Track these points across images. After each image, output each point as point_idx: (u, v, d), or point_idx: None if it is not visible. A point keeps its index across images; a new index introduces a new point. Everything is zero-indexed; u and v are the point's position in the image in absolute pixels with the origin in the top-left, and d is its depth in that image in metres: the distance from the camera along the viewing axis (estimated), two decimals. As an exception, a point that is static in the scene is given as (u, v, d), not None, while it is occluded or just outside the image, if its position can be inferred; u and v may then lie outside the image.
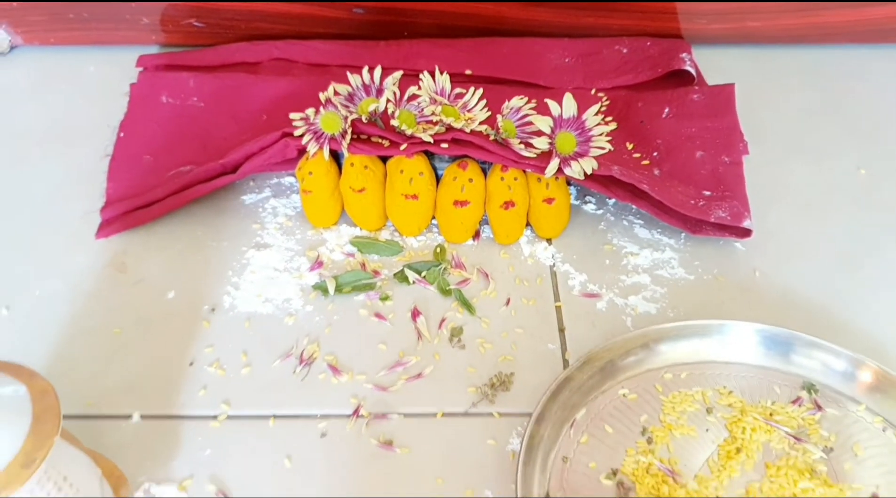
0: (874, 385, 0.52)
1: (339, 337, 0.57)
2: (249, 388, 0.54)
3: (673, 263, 0.63)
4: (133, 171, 0.68)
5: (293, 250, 0.64)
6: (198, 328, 0.58)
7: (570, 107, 0.61)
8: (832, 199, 0.69)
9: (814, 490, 0.48)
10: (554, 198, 0.62)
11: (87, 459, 0.43)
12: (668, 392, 0.53)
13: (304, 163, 0.63)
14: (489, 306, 0.60)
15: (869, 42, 0.86)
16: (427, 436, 0.52)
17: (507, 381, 0.55)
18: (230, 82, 0.74)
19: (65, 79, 0.82)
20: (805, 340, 0.53)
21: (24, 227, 0.66)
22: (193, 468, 0.50)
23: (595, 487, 0.48)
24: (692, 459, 0.50)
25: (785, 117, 0.77)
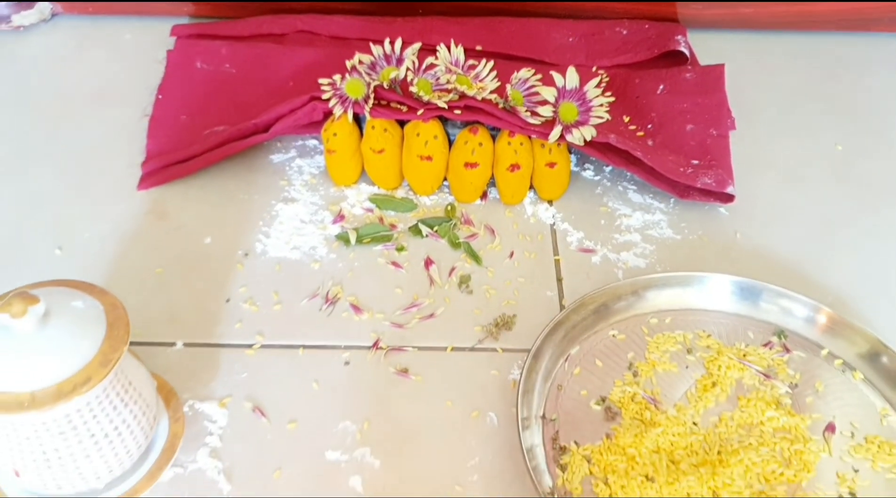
0: (834, 330, 0.59)
1: (360, 281, 0.64)
2: (280, 322, 0.61)
3: (662, 224, 0.69)
4: (171, 130, 0.74)
5: (317, 205, 0.70)
6: (233, 270, 0.64)
7: (573, 79, 0.68)
8: (810, 171, 0.75)
9: (778, 419, 0.54)
10: (556, 162, 0.68)
11: (145, 370, 0.50)
12: (653, 334, 0.60)
13: (329, 124, 0.69)
14: (494, 258, 0.66)
15: (852, 30, 0.92)
16: (438, 366, 0.58)
17: (509, 321, 0.61)
18: (259, 51, 0.80)
19: (103, 45, 0.87)
20: (773, 290, 0.60)
21: (73, 178, 0.72)
22: (231, 389, 0.56)
23: (586, 411, 0.55)
24: (672, 390, 0.56)
25: (771, 97, 0.84)
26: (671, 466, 0.51)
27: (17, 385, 0.42)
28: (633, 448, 0.52)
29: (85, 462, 0.45)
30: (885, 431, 0.54)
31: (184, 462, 0.52)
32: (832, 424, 0.55)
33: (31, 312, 0.42)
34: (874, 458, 0.53)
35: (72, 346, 0.43)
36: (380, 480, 0.51)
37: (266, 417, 0.54)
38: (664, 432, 0.53)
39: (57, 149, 0.75)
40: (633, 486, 0.50)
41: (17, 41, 0.88)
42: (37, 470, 0.45)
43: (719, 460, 0.52)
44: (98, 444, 0.45)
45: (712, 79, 0.78)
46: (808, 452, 0.53)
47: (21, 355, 0.42)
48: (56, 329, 0.43)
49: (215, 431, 0.53)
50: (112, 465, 0.47)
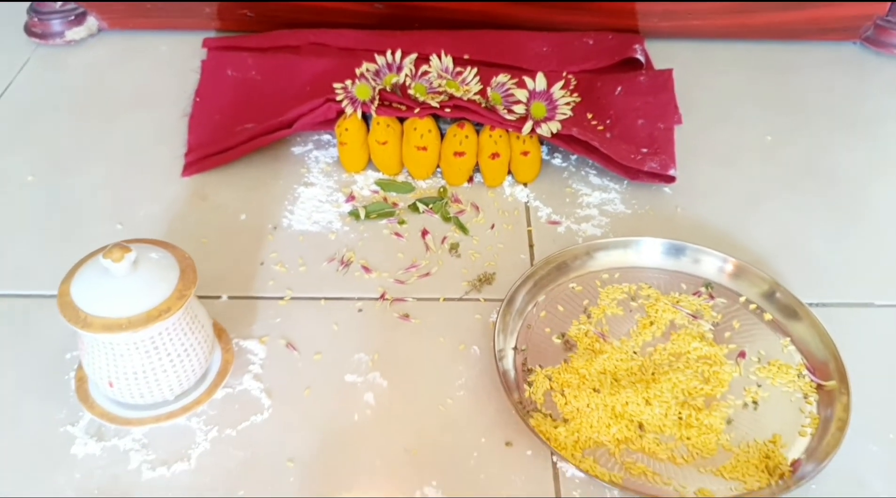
0: (741, 276, 0.73)
1: (369, 248, 0.78)
2: (305, 280, 0.75)
3: (616, 201, 0.84)
4: (208, 127, 0.89)
5: (332, 188, 0.85)
6: (264, 240, 0.79)
7: (542, 83, 0.82)
8: (742, 157, 0.90)
9: (701, 348, 0.69)
10: (529, 151, 0.83)
11: (205, 310, 0.64)
12: (604, 286, 0.74)
13: (341, 121, 0.83)
14: (479, 229, 0.81)
15: (783, 39, 1.07)
16: (433, 312, 0.73)
17: (490, 278, 0.76)
18: (280, 61, 0.95)
19: (143, 56, 1.02)
20: (693, 248, 0.75)
21: (125, 168, 0.86)
22: (268, 330, 0.70)
23: (549, 344, 0.69)
24: (618, 328, 0.71)
25: (714, 96, 0.99)
26: (614, 382, 0.66)
27: (116, 312, 0.56)
28: (584, 369, 0.67)
29: (162, 376, 0.60)
30: (785, 357, 0.69)
31: (233, 384, 0.66)
32: (743, 351, 0.69)
33: (126, 258, 0.56)
34: (773, 376, 0.67)
35: (155, 284, 0.57)
36: (387, 396, 0.66)
37: (297, 351, 0.69)
38: (609, 358, 0.67)
39: (110, 144, 0.90)
40: (583, 396, 0.64)
41: (70, 53, 1.03)
42: (126, 382, 0.59)
43: (653, 379, 0.66)
44: (172, 362, 0.60)
45: (662, 81, 0.93)
46: (722, 373, 0.67)
47: (119, 291, 0.56)
48: (143, 272, 0.57)
49: (257, 362, 0.68)
50: (181, 380, 0.61)
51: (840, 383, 0.65)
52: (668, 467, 0.61)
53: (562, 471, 0.60)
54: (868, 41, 1.07)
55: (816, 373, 0.67)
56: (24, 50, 1.04)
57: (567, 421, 0.63)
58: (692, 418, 0.63)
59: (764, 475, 0.60)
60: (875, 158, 0.91)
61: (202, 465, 0.60)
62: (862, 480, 0.60)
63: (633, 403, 0.64)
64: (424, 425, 0.63)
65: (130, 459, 0.60)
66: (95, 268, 0.57)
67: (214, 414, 0.63)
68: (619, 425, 0.63)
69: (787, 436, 0.63)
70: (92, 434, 0.62)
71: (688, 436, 0.63)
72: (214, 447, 0.61)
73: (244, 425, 0.63)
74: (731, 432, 0.63)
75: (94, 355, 0.59)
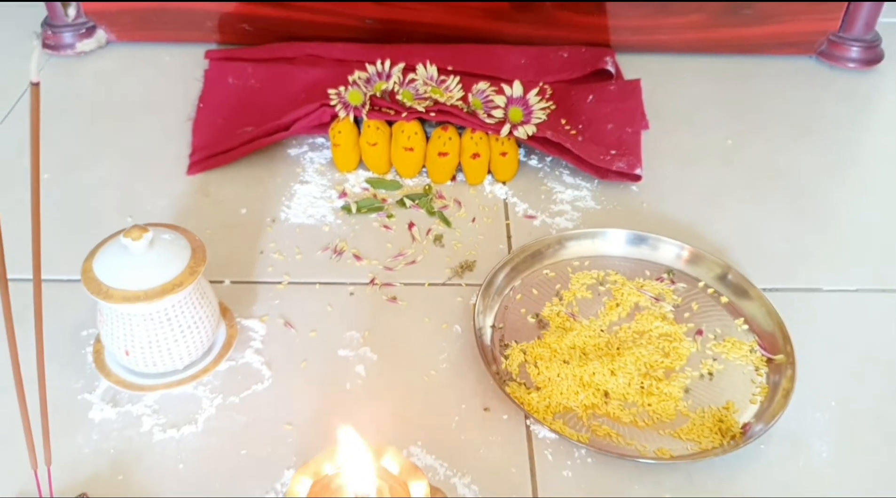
0: (696, 261, 0.80)
1: (360, 239, 0.85)
2: (301, 266, 0.82)
3: (587, 198, 0.91)
4: (211, 129, 0.96)
5: (326, 186, 0.91)
6: (263, 232, 0.85)
7: (518, 90, 0.90)
8: (705, 159, 0.98)
9: (662, 327, 0.76)
10: (507, 152, 0.90)
11: (212, 289, 0.70)
12: (575, 272, 0.81)
13: (335, 125, 0.91)
14: (461, 222, 0.88)
15: (748, 53, 1.16)
16: (418, 296, 0.79)
17: (471, 265, 0.82)
18: (278, 70, 1.02)
19: (149, 66, 1.09)
20: (653, 237, 0.82)
21: (134, 167, 0.93)
22: (268, 310, 0.77)
23: (524, 322, 0.76)
24: (587, 309, 0.78)
25: (680, 104, 1.07)
26: (582, 356, 0.73)
27: (134, 286, 0.62)
28: (555, 344, 0.73)
29: (174, 346, 0.66)
30: (740, 335, 0.76)
31: (236, 357, 0.72)
32: (701, 330, 0.76)
33: (144, 237, 0.63)
34: (728, 351, 0.74)
35: (169, 261, 0.64)
36: (377, 368, 0.72)
37: (294, 328, 0.75)
38: (578, 335, 0.74)
39: (119, 146, 0.96)
40: (554, 367, 0.71)
41: (80, 64, 1.10)
42: (141, 351, 0.65)
43: (618, 353, 0.73)
44: (183, 333, 0.66)
45: (630, 89, 1.01)
46: (681, 348, 0.74)
47: (136, 266, 0.63)
48: (158, 250, 0.64)
49: (257, 338, 0.74)
50: (190, 350, 0.67)
51: (787, 357, 0.72)
52: (630, 430, 0.67)
53: (534, 432, 0.67)
54: (822, 55, 1.16)
55: (767, 349, 0.74)
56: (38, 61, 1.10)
57: (539, 389, 0.70)
58: (653, 387, 0.70)
59: (717, 437, 0.67)
60: (827, 161, 0.99)
61: (208, 428, 0.66)
62: (806, 442, 0.67)
63: (600, 373, 0.71)
64: (410, 393, 0.70)
65: (143, 423, 0.66)
66: (115, 247, 0.64)
67: (219, 383, 0.70)
68: (587, 393, 0.69)
69: (739, 403, 0.70)
70: (108, 401, 0.68)
71: (649, 403, 0.69)
72: (219, 412, 0.67)
73: (246, 393, 0.69)
74: (689, 400, 0.70)
75: (112, 326, 0.65)
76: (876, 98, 1.12)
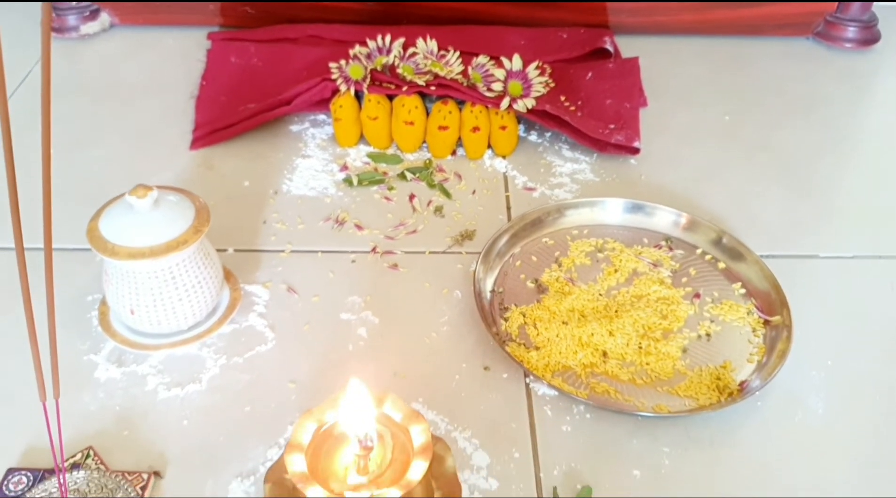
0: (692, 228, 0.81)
1: (361, 210, 0.86)
2: (303, 236, 0.83)
3: (586, 171, 0.92)
4: (214, 106, 0.97)
5: (327, 159, 0.93)
6: (266, 203, 0.86)
7: (518, 64, 0.91)
8: (701, 134, 0.99)
9: (660, 291, 0.77)
10: (506, 126, 0.91)
11: (215, 251, 0.71)
12: (574, 240, 0.82)
13: (336, 99, 0.92)
14: (461, 194, 0.89)
15: (744, 34, 1.17)
16: (419, 263, 0.80)
17: (471, 234, 0.83)
18: (280, 49, 1.03)
19: (152, 48, 1.11)
20: (650, 206, 0.83)
21: (139, 143, 0.94)
22: (271, 276, 0.78)
23: (523, 287, 0.77)
24: (586, 275, 0.79)
25: (678, 84, 1.08)
26: (581, 317, 0.73)
27: (140, 243, 0.63)
28: (554, 307, 0.74)
29: (178, 305, 0.67)
30: (737, 298, 0.77)
31: (240, 320, 0.73)
32: (698, 293, 0.77)
33: (149, 196, 0.64)
34: (725, 313, 0.75)
35: (174, 220, 0.65)
36: (378, 330, 0.73)
37: (297, 294, 0.76)
38: (577, 298, 0.75)
39: (124, 124, 0.98)
40: (553, 328, 0.72)
41: (85, 46, 1.11)
42: (146, 310, 0.66)
43: (616, 315, 0.74)
44: (187, 291, 0.67)
45: (629, 67, 1.02)
46: (679, 311, 0.75)
47: (142, 224, 0.64)
48: (163, 209, 0.65)
49: (261, 303, 0.75)
50: (195, 310, 0.68)
51: (783, 318, 0.72)
52: (628, 388, 0.68)
53: (533, 390, 0.68)
54: (819, 36, 1.17)
55: (764, 311, 0.75)
56: (41, 43, 1.12)
57: (539, 348, 0.71)
58: (651, 347, 0.71)
59: (715, 394, 0.68)
60: (823, 137, 1.00)
61: (212, 386, 0.67)
62: (803, 400, 0.68)
63: (598, 334, 0.72)
64: (411, 354, 0.71)
65: (148, 382, 0.67)
66: (121, 206, 0.65)
67: (223, 345, 0.71)
68: (585, 352, 0.70)
69: (737, 362, 0.71)
70: (113, 361, 0.69)
71: (647, 362, 0.70)
72: (223, 372, 0.68)
73: (250, 354, 0.70)
74: (686, 359, 0.71)
75: (118, 285, 0.66)
76: (873, 77, 1.13)
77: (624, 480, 0.61)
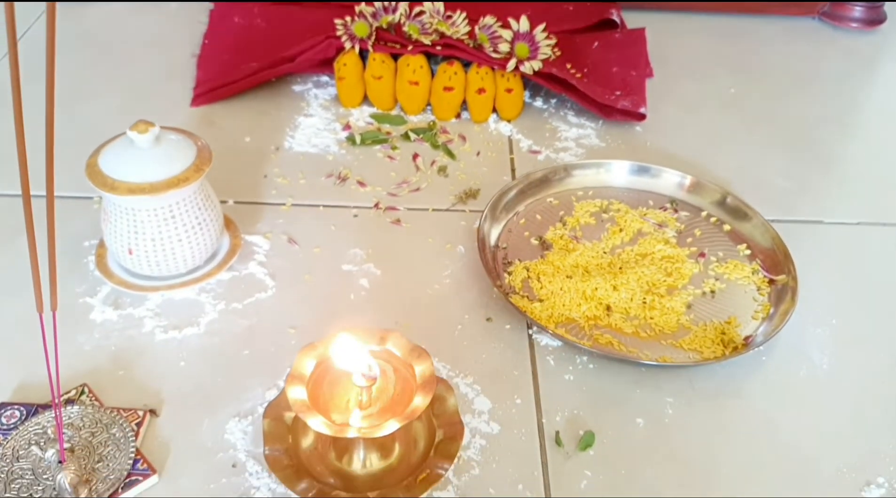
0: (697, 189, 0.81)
1: (364, 167, 0.85)
2: (305, 190, 0.82)
3: (591, 136, 0.92)
4: (216, 65, 0.96)
5: (330, 119, 0.92)
6: (267, 158, 0.85)
7: (525, 25, 0.91)
8: (707, 105, 0.98)
9: (665, 250, 0.76)
10: (512, 88, 0.91)
11: (215, 195, 0.70)
12: (579, 201, 0.81)
13: (340, 57, 0.91)
14: (465, 155, 0.88)
15: (747, 12, 1.17)
16: (422, 220, 0.79)
17: (475, 193, 0.83)
18: (284, 9, 1.03)
19: (154, 11, 1.10)
20: (655, 168, 0.82)
21: (140, 99, 0.93)
22: (272, 228, 0.77)
23: (527, 244, 0.76)
24: (590, 234, 0.78)
25: (685, 58, 1.07)
26: (585, 272, 0.73)
27: (139, 179, 0.62)
28: (558, 262, 0.73)
29: (178, 245, 0.66)
30: (741, 258, 0.76)
31: (239, 268, 0.72)
32: (703, 252, 0.76)
33: (150, 131, 0.63)
34: (730, 272, 0.74)
35: (175, 157, 0.64)
36: (381, 282, 0.72)
37: (297, 245, 0.75)
38: (581, 255, 0.74)
39: (126, 81, 0.97)
40: (557, 281, 0.71)
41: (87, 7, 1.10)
42: (144, 249, 0.65)
43: (620, 272, 0.73)
44: (187, 232, 0.66)
45: (635, 37, 1.02)
46: (684, 269, 0.74)
47: (142, 160, 0.63)
48: (164, 147, 0.64)
49: (261, 252, 0.74)
50: (195, 252, 0.67)
51: (788, 277, 0.72)
52: (632, 340, 0.67)
53: (536, 341, 0.67)
54: (825, 16, 1.17)
55: (769, 271, 0.74)
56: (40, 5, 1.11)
57: (542, 301, 0.70)
58: (655, 302, 0.70)
59: (719, 348, 0.67)
60: (827, 109, 0.99)
61: (211, 330, 0.66)
62: (807, 355, 0.67)
63: (602, 288, 0.71)
64: (414, 305, 0.70)
65: (145, 324, 0.66)
66: (122, 143, 0.64)
67: (222, 291, 0.70)
68: (589, 305, 0.69)
69: (742, 318, 0.70)
70: (109, 304, 0.68)
71: (651, 316, 0.69)
72: (222, 317, 0.67)
73: (249, 300, 0.69)
74: (691, 314, 0.70)
75: (116, 223, 0.65)
76: (877, 56, 1.12)
77: (627, 427, 0.60)
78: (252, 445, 0.57)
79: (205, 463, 0.56)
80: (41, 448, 0.54)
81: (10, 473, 0.53)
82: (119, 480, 0.54)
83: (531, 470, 0.57)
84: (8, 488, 0.52)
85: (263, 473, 0.55)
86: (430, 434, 0.56)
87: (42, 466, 0.54)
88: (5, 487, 0.52)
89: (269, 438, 0.54)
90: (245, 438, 0.58)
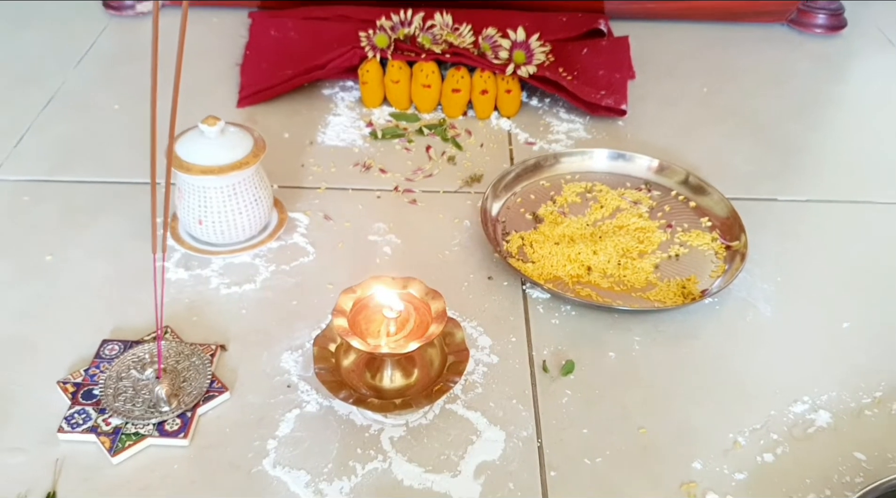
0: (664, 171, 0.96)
1: (385, 158, 1.01)
2: (336, 177, 0.97)
3: (580, 130, 1.07)
4: (256, 72, 1.11)
5: (355, 118, 1.07)
6: (303, 151, 1.01)
7: (521, 35, 1.06)
8: (682, 101, 1.13)
9: (638, 222, 0.91)
10: (511, 89, 1.06)
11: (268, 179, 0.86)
12: (567, 183, 0.96)
13: (364, 65, 1.06)
14: (471, 146, 1.03)
15: (725, 21, 1.31)
16: (434, 200, 0.94)
17: (479, 178, 0.98)
18: (314, 24, 1.18)
19: (199, 25, 1.26)
20: (629, 154, 0.97)
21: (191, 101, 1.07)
22: (309, 207, 0.92)
23: (522, 218, 0.91)
24: (576, 210, 0.93)
25: (664, 62, 1.22)
26: (570, 241, 0.87)
27: (210, 162, 0.78)
28: (548, 232, 0.88)
29: (238, 217, 0.81)
30: (703, 229, 0.90)
31: (285, 238, 0.87)
32: (671, 224, 0.91)
33: (217, 124, 0.78)
34: (693, 240, 0.89)
35: (237, 145, 0.79)
36: (401, 249, 0.87)
37: (332, 220, 0.90)
38: (568, 226, 0.89)
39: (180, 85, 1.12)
40: (546, 247, 0.86)
41: (139, 23, 1.27)
42: (212, 220, 0.81)
43: (600, 240, 0.88)
44: (247, 206, 0.81)
45: (620, 44, 1.17)
46: (654, 237, 0.89)
47: (211, 147, 0.78)
48: (228, 137, 0.79)
49: (302, 226, 0.89)
50: (252, 223, 0.83)
51: (741, 243, 0.86)
52: (608, 293, 0.82)
53: (529, 294, 0.82)
54: (793, 23, 1.31)
55: (726, 238, 0.89)
56: (102, 19, 1.27)
57: (534, 262, 0.85)
58: (628, 264, 0.85)
59: (680, 299, 0.82)
60: (790, 104, 1.14)
61: (265, 286, 0.81)
62: (754, 304, 0.82)
63: (584, 252, 0.86)
64: (428, 266, 0.85)
65: (211, 282, 0.82)
66: (194, 134, 0.79)
67: (272, 256, 0.85)
68: (573, 266, 0.84)
69: (700, 276, 0.84)
70: (181, 266, 0.83)
71: (624, 274, 0.84)
72: (273, 276, 0.83)
73: (295, 264, 0.84)
74: (658, 273, 0.85)
75: (189, 199, 0.80)
76: (838, 59, 1.27)
77: (601, 359, 0.75)
78: (302, 370, 0.72)
79: (266, 383, 0.71)
80: (139, 371, 0.70)
81: (116, 388, 0.69)
82: (200, 394, 0.69)
83: (523, 389, 0.72)
84: (116, 399, 0.68)
85: (312, 391, 0.70)
86: (443, 359, 0.71)
87: (139, 384, 0.69)
88: (114, 398, 0.68)
89: (318, 360, 0.69)
90: (296, 365, 0.73)
